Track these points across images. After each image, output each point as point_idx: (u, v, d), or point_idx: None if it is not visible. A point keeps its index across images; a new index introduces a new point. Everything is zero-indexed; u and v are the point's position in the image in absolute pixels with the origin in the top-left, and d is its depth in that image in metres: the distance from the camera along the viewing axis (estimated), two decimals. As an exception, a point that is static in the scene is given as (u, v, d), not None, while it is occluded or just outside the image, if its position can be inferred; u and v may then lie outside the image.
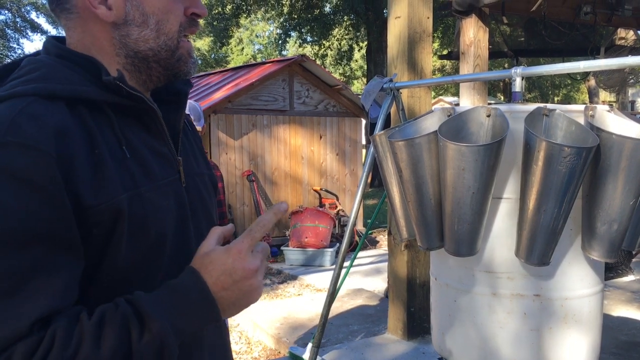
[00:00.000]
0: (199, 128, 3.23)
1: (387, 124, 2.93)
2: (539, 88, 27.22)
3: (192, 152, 1.14)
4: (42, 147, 0.82)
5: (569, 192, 1.78)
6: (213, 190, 1.18)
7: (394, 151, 2.05)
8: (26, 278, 0.81)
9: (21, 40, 28.12)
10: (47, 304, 0.81)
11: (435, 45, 19.67)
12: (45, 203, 0.82)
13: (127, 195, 0.91)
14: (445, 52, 16.81)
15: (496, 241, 2.01)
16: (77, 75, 0.94)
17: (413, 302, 4.11)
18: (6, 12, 27.10)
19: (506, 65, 18.02)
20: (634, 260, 6.03)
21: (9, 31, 27.64)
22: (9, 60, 27.32)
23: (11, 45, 28.10)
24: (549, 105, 1.95)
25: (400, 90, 3.07)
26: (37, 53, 1.02)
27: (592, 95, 17.51)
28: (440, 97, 26.81)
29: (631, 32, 6.31)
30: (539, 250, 1.86)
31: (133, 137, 0.97)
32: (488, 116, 2.01)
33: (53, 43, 1.00)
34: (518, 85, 2.20)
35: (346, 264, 3.41)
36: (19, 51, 28.24)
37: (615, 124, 1.92)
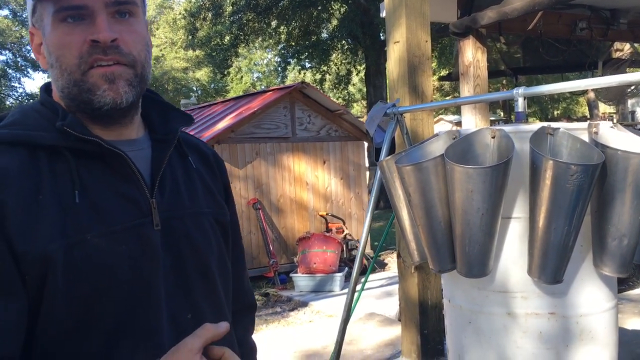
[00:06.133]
0: None
1: (392, 148, 2.96)
2: (538, 103, 27.31)
3: (191, 191, 1.09)
4: None
5: (578, 209, 1.80)
6: (219, 229, 1.12)
7: (402, 176, 2.07)
8: None
9: (22, 80, 28.48)
10: None
11: (434, 65, 19.81)
12: None
13: (66, 242, 0.89)
14: (443, 72, 16.94)
15: (508, 261, 2.02)
16: (45, 121, 0.97)
17: (426, 325, 4.09)
18: (7, 52, 27.47)
19: (504, 82, 18.12)
20: (645, 271, 6.00)
21: (10, 71, 27.98)
22: (10, 100, 27.54)
23: (12, 84, 28.44)
24: (553, 124, 1.97)
25: (403, 114, 3.10)
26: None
27: (592, 108, 17.57)
28: (441, 116, 26.90)
29: (627, 45, 6.36)
30: (551, 268, 1.87)
31: (93, 180, 0.96)
32: (493, 137, 2.04)
33: (42, 90, 1.05)
34: (520, 105, 2.23)
35: (357, 288, 3.41)
36: (20, 90, 28.56)
37: (620, 139, 1.94)
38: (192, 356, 0.87)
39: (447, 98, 23.45)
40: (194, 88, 32.30)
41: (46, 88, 1.05)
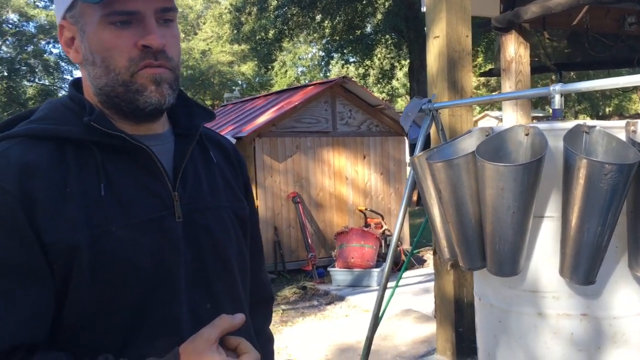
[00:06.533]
0: None
1: (427, 145, 2.94)
2: (589, 99, 26.58)
3: (211, 185, 1.12)
4: (6, 186, 0.90)
5: (612, 209, 1.75)
6: (238, 223, 1.15)
7: (432, 173, 2.06)
8: None
9: (74, 72, 29.25)
10: (11, 336, 0.86)
11: (480, 59, 19.49)
12: (8, 235, 0.89)
13: (91, 233, 0.93)
14: (489, 66, 16.62)
15: (540, 260, 1.99)
16: (73, 116, 1.01)
17: (461, 323, 4.06)
18: (60, 45, 28.32)
19: (553, 77, 17.68)
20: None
21: (62, 64, 28.83)
22: (63, 91, 28.38)
23: (65, 77, 29.30)
24: (589, 122, 1.93)
25: (439, 110, 3.07)
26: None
27: (645, 105, 17.00)
28: (486, 112, 26.46)
29: (681, 40, 6.12)
30: (584, 268, 1.83)
31: (118, 174, 0.99)
32: (526, 135, 2.01)
33: (70, 85, 1.09)
34: (557, 102, 2.19)
35: (392, 284, 3.40)
36: (73, 82, 29.38)
37: (659, 138, 1.89)
38: (209, 346, 0.90)
39: (494, 93, 23.05)
40: (239, 82, 32.60)
41: (74, 83, 1.09)
